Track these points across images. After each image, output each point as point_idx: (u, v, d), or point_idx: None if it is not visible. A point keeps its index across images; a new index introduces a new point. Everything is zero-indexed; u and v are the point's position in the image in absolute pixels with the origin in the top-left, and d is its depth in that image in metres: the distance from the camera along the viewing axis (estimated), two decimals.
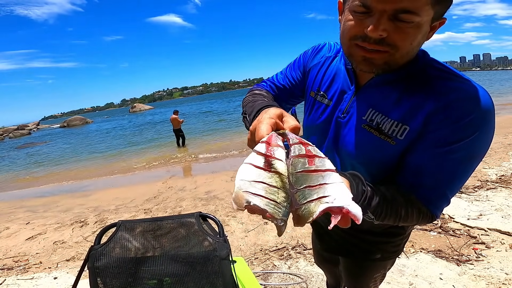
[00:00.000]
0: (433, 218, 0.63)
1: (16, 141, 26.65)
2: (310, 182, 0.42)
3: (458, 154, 0.56)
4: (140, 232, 0.99)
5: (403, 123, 0.60)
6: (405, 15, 0.50)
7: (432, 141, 0.58)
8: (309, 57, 0.85)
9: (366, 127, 0.66)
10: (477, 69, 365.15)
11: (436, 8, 0.52)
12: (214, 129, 13.96)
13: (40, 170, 9.48)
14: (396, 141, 0.61)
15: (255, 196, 0.40)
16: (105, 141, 15.81)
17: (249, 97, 0.81)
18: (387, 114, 0.63)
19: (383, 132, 0.63)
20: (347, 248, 0.91)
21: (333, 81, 0.76)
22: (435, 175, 0.59)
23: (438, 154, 0.57)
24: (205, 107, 35.60)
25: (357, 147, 0.68)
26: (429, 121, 0.57)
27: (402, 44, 0.54)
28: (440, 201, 0.61)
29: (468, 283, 1.74)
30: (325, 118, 0.76)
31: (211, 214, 1.02)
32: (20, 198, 6.11)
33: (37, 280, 2.36)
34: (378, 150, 0.64)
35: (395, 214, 0.61)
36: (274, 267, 2.14)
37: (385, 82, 0.64)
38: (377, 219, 0.61)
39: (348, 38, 0.58)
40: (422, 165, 0.60)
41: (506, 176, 3.34)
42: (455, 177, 0.59)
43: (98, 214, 3.94)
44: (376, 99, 0.65)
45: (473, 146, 0.56)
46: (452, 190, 0.61)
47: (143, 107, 63.83)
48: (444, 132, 0.56)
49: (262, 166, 0.42)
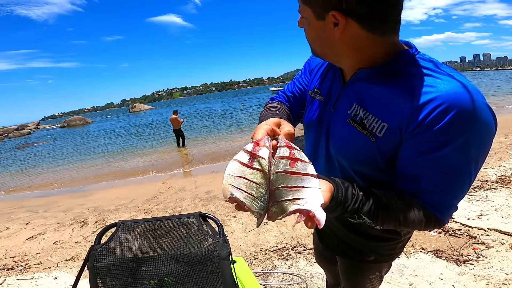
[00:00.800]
0: (440, 224, 0.62)
1: (16, 141, 26.65)
2: (288, 183, 0.46)
3: (450, 158, 0.54)
4: (140, 232, 0.99)
5: (382, 120, 0.60)
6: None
7: (416, 146, 0.56)
8: (312, 60, 0.88)
9: (350, 122, 0.67)
10: (477, 69, 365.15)
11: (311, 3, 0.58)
12: (214, 129, 13.96)
13: (40, 170, 9.48)
14: (376, 137, 0.61)
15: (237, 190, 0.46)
16: (105, 141, 15.81)
17: (263, 111, 0.87)
18: (368, 109, 0.63)
19: (366, 128, 0.63)
20: (343, 248, 0.92)
21: (326, 78, 0.79)
22: (433, 181, 0.58)
23: (427, 161, 0.56)
24: (206, 108, 35.56)
25: (342, 141, 0.70)
26: (407, 124, 0.55)
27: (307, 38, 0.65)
28: (443, 206, 0.60)
29: (468, 283, 1.74)
30: (319, 113, 0.78)
31: (211, 214, 1.02)
32: (20, 198, 6.11)
33: (37, 280, 2.36)
34: (359, 145, 0.65)
35: (393, 219, 0.60)
36: (274, 267, 2.14)
37: (366, 78, 0.64)
38: (375, 223, 0.61)
39: None
40: (414, 172, 0.59)
41: (506, 176, 3.35)
42: (454, 182, 0.57)
43: (98, 214, 3.94)
44: (359, 94, 0.66)
45: (465, 148, 0.53)
46: (454, 195, 0.59)
47: (143, 107, 63.88)
48: (425, 137, 0.54)
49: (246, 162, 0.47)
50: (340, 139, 0.70)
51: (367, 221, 0.60)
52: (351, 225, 0.83)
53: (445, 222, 0.62)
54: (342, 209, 0.56)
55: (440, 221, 0.61)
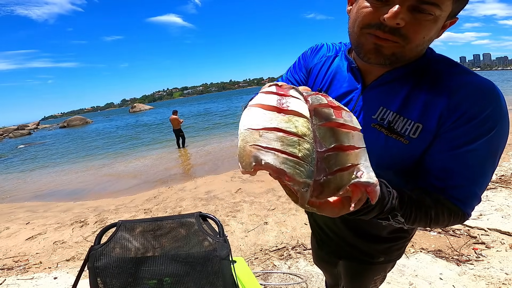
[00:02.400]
0: (465, 217, 0.61)
1: (16, 141, 26.65)
2: (341, 141, 0.31)
3: (481, 151, 0.54)
4: (140, 232, 0.99)
5: (416, 121, 0.58)
6: (427, 6, 0.49)
7: (450, 141, 0.56)
8: (308, 57, 0.83)
9: (376, 126, 0.63)
10: (477, 69, 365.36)
11: (455, 4, 0.51)
12: (215, 129, 13.96)
13: (40, 170, 9.48)
14: (409, 140, 0.59)
15: (267, 152, 0.29)
16: (105, 141, 15.80)
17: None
18: (398, 112, 0.60)
19: (395, 131, 0.60)
20: (348, 251, 0.89)
21: (335, 81, 0.73)
22: (461, 175, 0.57)
23: (460, 154, 0.56)
24: (206, 109, 35.54)
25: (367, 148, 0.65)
26: (443, 120, 0.55)
27: (415, 37, 0.52)
28: (471, 199, 0.59)
29: (468, 283, 1.74)
30: None
31: (211, 214, 1.02)
32: (20, 198, 6.11)
33: (37, 280, 2.36)
34: (388, 150, 0.62)
35: (425, 216, 0.58)
36: (274, 267, 2.14)
37: (394, 79, 0.62)
38: (407, 222, 0.57)
39: (360, 26, 0.56)
40: (446, 167, 0.58)
41: (506, 176, 3.35)
42: (482, 174, 0.57)
43: (98, 214, 3.94)
44: (386, 97, 0.63)
45: (494, 142, 0.54)
46: (481, 187, 0.58)
47: (143, 107, 63.83)
48: (461, 131, 0.54)
49: (276, 105, 0.31)
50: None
51: (400, 220, 0.56)
52: (361, 231, 0.82)
53: (470, 215, 0.61)
54: (380, 208, 0.50)
55: (466, 214, 0.60)
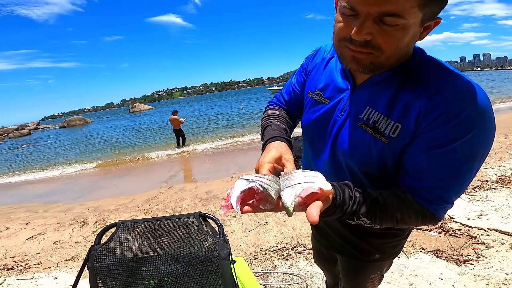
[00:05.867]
0: (435, 219, 0.62)
1: (16, 141, 26.64)
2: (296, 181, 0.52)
3: (457, 154, 0.55)
4: (140, 232, 0.99)
5: (395, 121, 0.60)
6: (390, 18, 0.50)
7: (426, 142, 0.57)
8: (308, 62, 0.88)
9: (362, 126, 0.66)
10: (477, 69, 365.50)
11: (425, 9, 0.51)
12: (215, 129, 13.96)
13: (39, 170, 9.48)
14: (389, 139, 0.61)
15: (249, 182, 0.50)
16: (105, 141, 15.80)
17: (264, 121, 0.90)
18: (382, 112, 0.63)
19: (378, 131, 0.63)
20: (347, 248, 0.91)
21: (330, 81, 0.76)
22: (434, 176, 0.58)
23: (435, 155, 0.56)
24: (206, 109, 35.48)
25: (352, 145, 0.68)
26: (420, 121, 0.57)
27: (387, 47, 0.54)
28: (441, 202, 0.60)
29: (468, 283, 1.74)
30: (321, 117, 0.76)
31: (211, 214, 1.02)
32: (20, 198, 6.11)
33: (37, 280, 2.36)
34: (371, 149, 0.64)
35: (390, 217, 0.61)
36: (274, 267, 2.14)
37: (382, 80, 0.64)
38: (373, 223, 0.63)
39: (337, 39, 0.59)
40: (419, 167, 0.59)
41: (506, 176, 3.34)
42: (456, 178, 0.58)
43: (98, 214, 3.94)
44: (373, 98, 0.65)
45: (471, 145, 0.54)
46: (455, 191, 0.59)
47: (143, 107, 63.79)
48: (437, 132, 0.55)
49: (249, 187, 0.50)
50: (350, 144, 0.68)
51: (365, 221, 0.62)
52: (355, 227, 0.84)
53: (441, 218, 0.63)
54: (341, 212, 0.57)
55: (436, 217, 0.62)
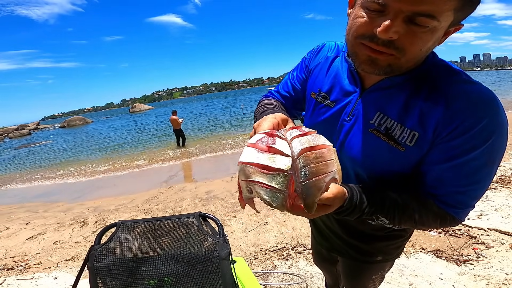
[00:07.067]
0: (456, 221, 0.61)
1: (16, 141, 26.64)
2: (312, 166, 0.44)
3: (477, 161, 0.54)
4: (140, 232, 0.99)
5: (412, 129, 0.57)
6: (423, 19, 0.46)
7: (446, 152, 0.55)
8: (310, 58, 0.83)
9: (374, 132, 0.62)
10: (477, 69, 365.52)
11: (457, 14, 0.49)
12: (215, 129, 13.96)
13: (39, 170, 9.48)
14: (406, 147, 0.58)
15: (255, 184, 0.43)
16: (105, 142, 15.80)
17: (259, 108, 0.82)
18: (396, 118, 0.60)
19: (393, 138, 0.60)
20: (348, 250, 0.89)
21: (335, 82, 0.72)
22: (455, 183, 0.57)
23: (455, 165, 0.55)
24: (207, 108, 35.46)
25: (362, 152, 0.64)
26: (439, 130, 0.55)
27: (411, 49, 0.50)
28: (462, 205, 0.59)
29: (468, 283, 1.74)
30: (327, 120, 0.72)
31: (211, 214, 1.02)
32: (20, 198, 6.11)
33: (37, 280, 2.36)
34: (385, 157, 0.61)
35: (409, 218, 0.60)
36: (274, 267, 2.14)
37: (393, 85, 0.61)
38: (392, 223, 0.61)
39: (354, 35, 0.54)
40: (439, 175, 0.58)
41: (506, 176, 3.35)
42: (476, 183, 0.57)
43: (98, 214, 3.94)
44: (384, 103, 0.62)
45: (490, 151, 0.53)
46: (475, 196, 0.58)
47: (143, 107, 63.78)
48: (457, 142, 0.53)
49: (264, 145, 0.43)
50: (360, 150, 0.65)
51: (385, 221, 0.61)
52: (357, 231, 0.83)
53: (462, 220, 0.61)
54: (360, 211, 0.57)
55: (457, 219, 0.61)
